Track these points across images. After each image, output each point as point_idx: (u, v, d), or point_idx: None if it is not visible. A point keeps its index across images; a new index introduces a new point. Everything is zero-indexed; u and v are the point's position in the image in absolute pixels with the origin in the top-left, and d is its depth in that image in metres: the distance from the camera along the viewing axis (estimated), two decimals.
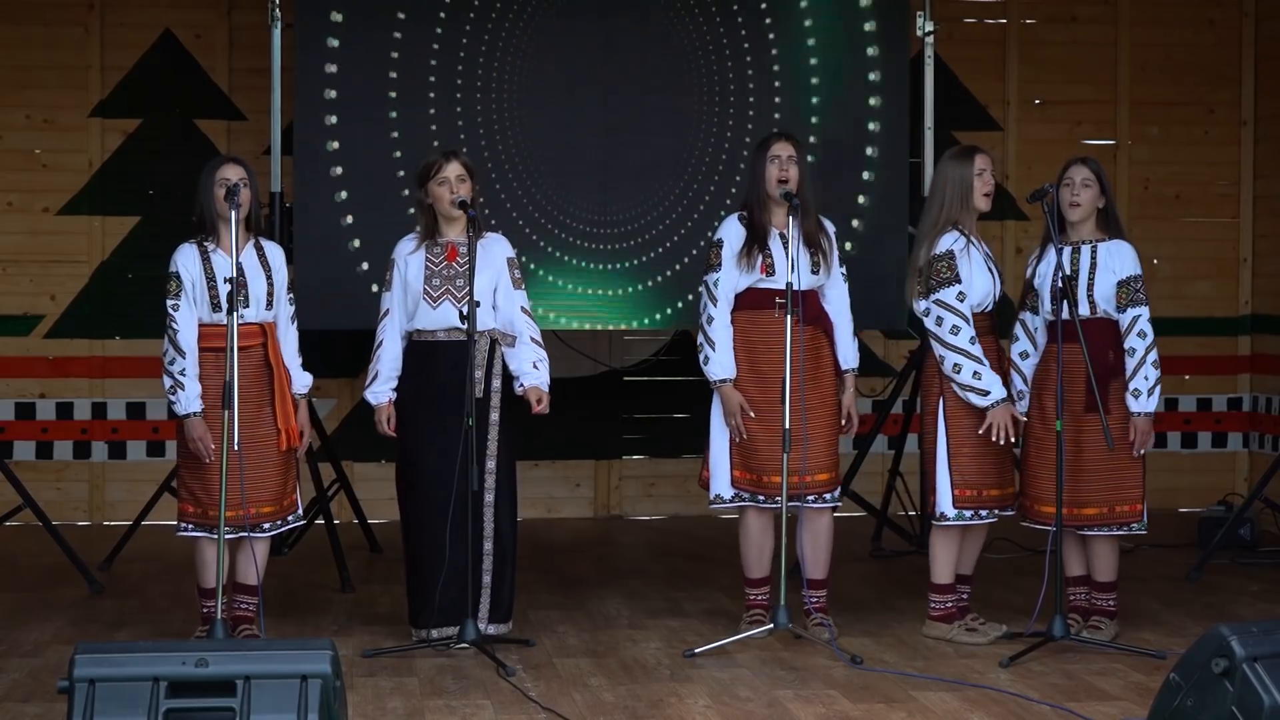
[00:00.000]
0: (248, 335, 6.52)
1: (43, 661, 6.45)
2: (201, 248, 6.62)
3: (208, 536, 6.54)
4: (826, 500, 6.88)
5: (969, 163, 6.82)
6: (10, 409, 9.76)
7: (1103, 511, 6.74)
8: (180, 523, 6.61)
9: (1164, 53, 10.44)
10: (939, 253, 6.74)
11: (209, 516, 6.52)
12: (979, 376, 6.66)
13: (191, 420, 6.51)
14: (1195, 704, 4.34)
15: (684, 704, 5.88)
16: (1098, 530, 6.76)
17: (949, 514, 6.76)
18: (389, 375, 6.75)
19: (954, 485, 6.75)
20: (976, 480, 6.77)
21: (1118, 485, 6.73)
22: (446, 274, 6.68)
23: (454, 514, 6.49)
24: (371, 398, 6.78)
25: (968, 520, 6.78)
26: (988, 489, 6.79)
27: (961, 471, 6.76)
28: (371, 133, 8.52)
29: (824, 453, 6.86)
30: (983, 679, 6.19)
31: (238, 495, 6.42)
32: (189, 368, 6.52)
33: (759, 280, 6.85)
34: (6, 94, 9.69)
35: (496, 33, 8.65)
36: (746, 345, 6.87)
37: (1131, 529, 6.77)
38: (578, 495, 10.20)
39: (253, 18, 9.52)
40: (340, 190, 8.48)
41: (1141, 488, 6.75)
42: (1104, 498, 6.73)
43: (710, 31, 8.81)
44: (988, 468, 6.79)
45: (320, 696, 4.17)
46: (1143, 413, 6.65)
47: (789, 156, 6.85)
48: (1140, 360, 6.66)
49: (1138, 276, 6.73)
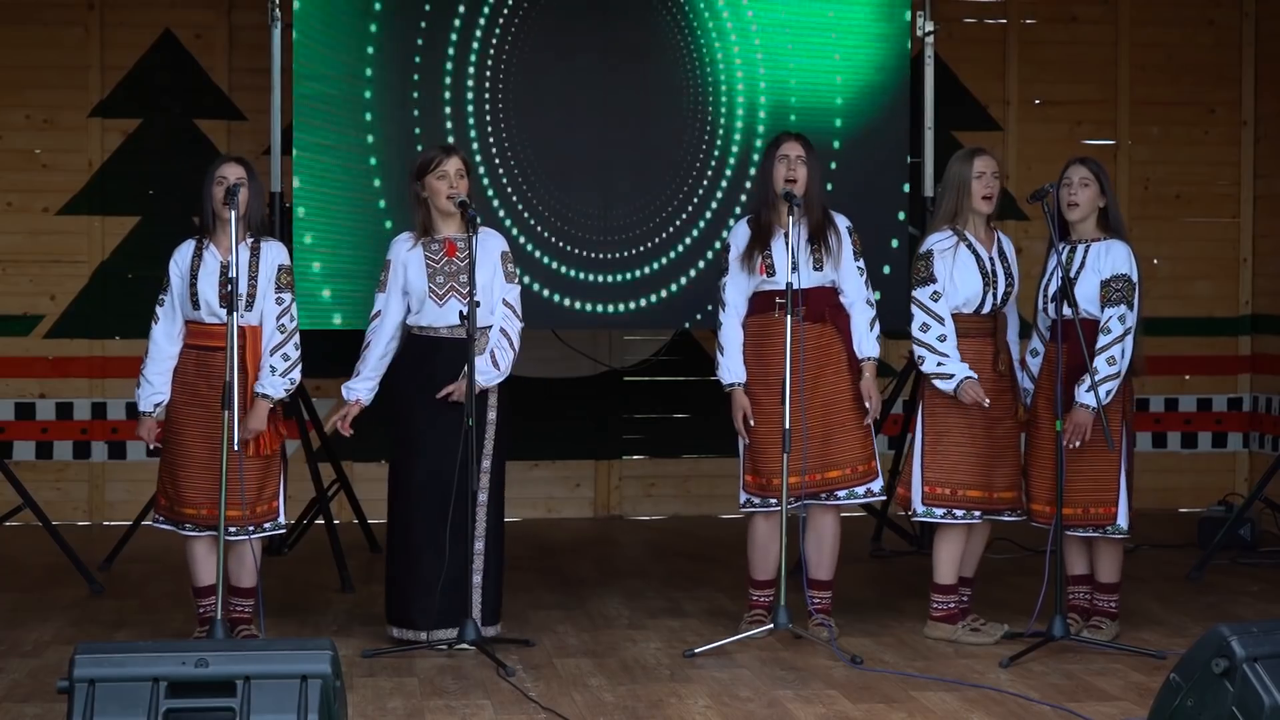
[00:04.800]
0: (224, 336, 6.47)
1: (43, 661, 6.45)
2: (198, 246, 6.64)
3: (178, 531, 6.64)
4: (858, 494, 6.89)
5: (969, 164, 6.84)
6: (10, 409, 9.76)
7: (1078, 512, 6.73)
8: (154, 515, 6.75)
9: (1164, 53, 10.43)
10: (920, 251, 6.84)
11: (175, 512, 6.63)
12: (942, 365, 6.73)
13: (140, 418, 6.64)
14: (1195, 704, 4.34)
15: (684, 704, 5.88)
16: (1075, 531, 6.76)
17: (919, 510, 6.82)
18: (369, 375, 6.75)
19: (924, 482, 6.80)
20: (950, 479, 6.78)
21: (1093, 487, 6.71)
22: (449, 270, 6.67)
23: (454, 514, 6.49)
24: (345, 392, 6.76)
25: (938, 519, 6.80)
26: (965, 489, 6.79)
27: (933, 469, 6.78)
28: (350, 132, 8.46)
29: (851, 447, 6.86)
30: (983, 679, 6.19)
31: (209, 495, 6.50)
32: (148, 366, 6.63)
33: (763, 282, 6.86)
34: (6, 94, 9.69)
35: (489, 31, 8.64)
36: (757, 349, 6.89)
37: (1106, 531, 6.74)
38: (578, 495, 10.20)
39: (253, 18, 9.52)
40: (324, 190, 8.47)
41: (1117, 489, 6.70)
42: (1079, 498, 6.72)
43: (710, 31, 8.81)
44: (964, 468, 6.78)
45: (320, 696, 4.18)
46: (1080, 404, 6.63)
47: (798, 156, 6.86)
48: (1106, 356, 6.64)
49: (1122, 276, 6.70)
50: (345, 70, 8.37)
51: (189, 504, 6.57)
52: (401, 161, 8.10)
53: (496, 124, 8.59)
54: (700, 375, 9.87)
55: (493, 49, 8.63)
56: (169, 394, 6.62)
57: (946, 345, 6.74)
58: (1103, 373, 6.61)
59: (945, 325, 6.75)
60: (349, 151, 8.36)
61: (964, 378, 6.71)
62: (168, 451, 6.65)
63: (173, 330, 6.63)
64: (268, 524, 6.66)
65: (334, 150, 8.33)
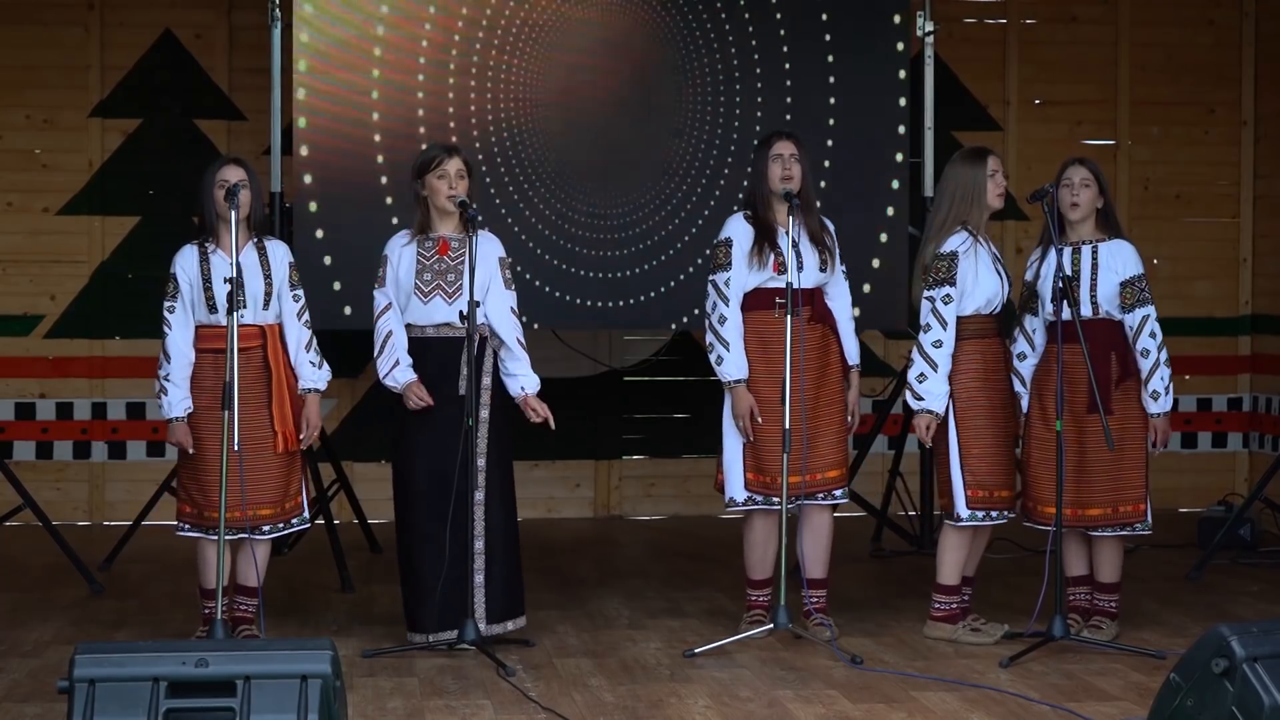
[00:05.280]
0: (245, 337, 6.51)
1: (43, 661, 6.45)
2: (201, 249, 6.63)
3: (206, 537, 6.56)
4: (836, 496, 6.89)
5: (981, 164, 6.82)
6: (10, 409, 9.76)
7: (1107, 512, 6.75)
8: (179, 522, 6.66)
9: (1164, 53, 10.43)
10: (943, 251, 6.76)
11: (205, 517, 6.55)
12: (922, 379, 6.71)
13: (172, 425, 6.59)
14: (1195, 704, 4.34)
15: (684, 704, 5.87)
16: (1102, 531, 6.77)
17: (964, 515, 6.76)
18: (409, 361, 6.61)
19: (967, 486, 6.76)
20: (989, 481, 6.78)
21: (1121, 485, 6.73)
22: (438, 269, 6.65)
23: (454, 514, 6.48)
24: (400, 377, 6.58)
25: (980, 521, 6.79)
26: (999, 489, 6.81)
27: (974, 472, 6.76)
28: (353, 130, 8.47)
29: (834, 449, 6.87)
30: (983, 679, 6.19)
31: (237, 497, 6.43)
32: (173, 372, 6.57)
33: (768, 279, 6.84)
34: (6, 94, 9.69)
35: (493, 29, 8.64)
36: (758, 345, 6.87)
37: (1135, 529, 6.78)
38: (578, 495, 10.20)
39: (253, 18, 9.52)
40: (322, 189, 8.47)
41: (1144, 487, 6.75)
42: (1108, 498, 6.73)
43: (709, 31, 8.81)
44: (998, 468, 6.80)
45: (320, 696, 4.18)
46: (1162, 413, 6.67)
47: (791, 155, 6.85)
48: (1155, 361, 6.68)
49: (1141, 276, 6.74)
50: (351, 68, 8.39)
51: (219, 508, 6.52)
52: (407, 160, 8.11)
53: (499, 123, 8.60)
54: (700, 375, 9.87)
55: (495, 49, 8.63)
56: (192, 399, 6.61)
57: (940, 353, 6.70)
58: (1168, 377, 6.68)
59: (946, 331, 6.72)
60: (356, 149, 8.38)
61: (925, 410, 6.71)
62: (191, 458, 6.60)
63: (188, 335, 6.60)
64: (295, 519, 6.67)
65: (343, 149, 8.36)
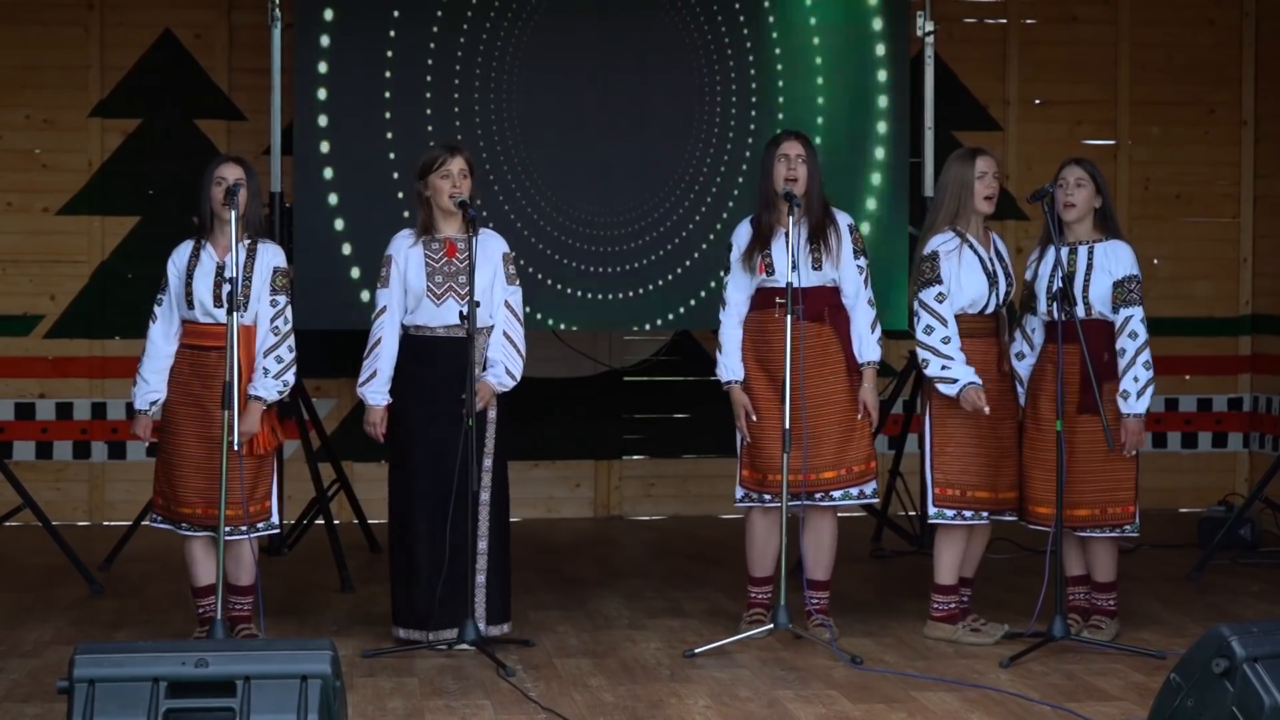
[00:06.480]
0: (217, 336, 6.51)
1: (43, 661, 6.45)
2: (196, 245, 6.65)
3: (177, 530, 6.65)
4: (867, 495, 6.92)
5: (970, 164, 6.83)
6: (10, 409, 9.75)
7: (1094, 513, 6.75)
8: (153, 513, 6.78)
9: (1164, 53, 10.43)
10: (924, 253, 6.81)
11: (173, 511, 6.65)
12: (946, 369, 6.71)
13: (136, 416, 6.66)
14: (1196, 704, 4.34)
15: (684, 704, 5.87)
16: (1090, 532, 6.77)
17: (930, 512, 6.82)
18: (388, 375, 6.68)
19: (935, 484, 6.80)
20: (960, 480, 6.78)
21: (1110, 487, 6.72)
22: (448, 270, 6.66)
23: (454, 514, 6.48)
24: (369, 397, 6.68)
25: (950, 520, 6.80)
26: (974, 490, 6.79)
27: (943, 470, 6.78)
28: (366, 134, 8.50)
29: (836, 449, 6.86)
30: (983, 679, 6.19)
31: (201, 495, 6.52)
32: (145, 365, 6.65)
33: (765, 281, 6.86)
34: (6, 94, 9.69)
35: (495, 32, 8.65)
36: (756, 346, 6.89)
37: (1124, 530, 6.77)
38: (578, 495, 10.20)
39: (253, 18, 9.52)
40: (331, 192, 8.49)
41: (1133, 489, 6.75)
42: (1096, 499, 6.73)
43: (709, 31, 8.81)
44: (973, 468, 6.79)
45: (320, 696, 4.18)
46: (1132, 414, 6.65)
47: (797, 155, 6.86)
48: (1130, 361, 6.66)
49: (1133, 277, 6.73)
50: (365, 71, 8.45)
51: (185, 503, 6.58)
52: (414, 159, 8.15)
53: (501, 122, 8.60)
54: (700, 375, 9.86)
55: (497, 50, 8.64)
56: (165, 393, 6.63)
57: (950, 348, 6.73)
58: (1144, 378, 6.64)
59: (949, 327, 6.74)
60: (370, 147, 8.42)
61: (967, 383, 6.70)
62: (163, 451, 6.67)
63: (169, 330, 6.64)
64: (260, 524, 6.65)
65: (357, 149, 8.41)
